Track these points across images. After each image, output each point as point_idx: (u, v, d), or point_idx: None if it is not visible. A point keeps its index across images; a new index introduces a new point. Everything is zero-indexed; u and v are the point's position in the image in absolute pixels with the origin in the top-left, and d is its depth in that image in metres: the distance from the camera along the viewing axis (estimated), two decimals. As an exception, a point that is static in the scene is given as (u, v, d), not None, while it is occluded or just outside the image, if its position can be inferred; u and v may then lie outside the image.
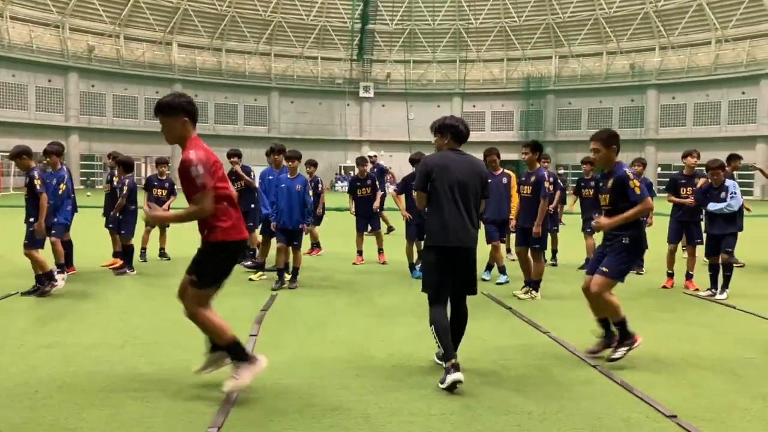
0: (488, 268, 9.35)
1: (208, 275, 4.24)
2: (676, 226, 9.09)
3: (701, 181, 8.69)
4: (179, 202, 12.69)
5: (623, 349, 5.30)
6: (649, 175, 13.98)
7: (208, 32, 48.98)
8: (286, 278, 8.67)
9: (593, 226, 5.49)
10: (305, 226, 8.91)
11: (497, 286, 8.86)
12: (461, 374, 4.56)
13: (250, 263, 9.66)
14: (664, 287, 8.90)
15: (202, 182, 4.06)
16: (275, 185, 8.88)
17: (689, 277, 8.95)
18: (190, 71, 48.42)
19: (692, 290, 8.69)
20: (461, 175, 4.93)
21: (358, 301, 7.91)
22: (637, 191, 5.26)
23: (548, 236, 9.10)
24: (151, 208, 4.41)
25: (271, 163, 9.67)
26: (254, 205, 10.11)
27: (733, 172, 9.81)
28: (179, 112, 4.17)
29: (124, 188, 9.58)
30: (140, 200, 10.34)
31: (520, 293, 8.10)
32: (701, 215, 8.99)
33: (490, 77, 52.00)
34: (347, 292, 8.45)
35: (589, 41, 48.97)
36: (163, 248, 11.17)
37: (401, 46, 52.42)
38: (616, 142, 5.48)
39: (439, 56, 52.43)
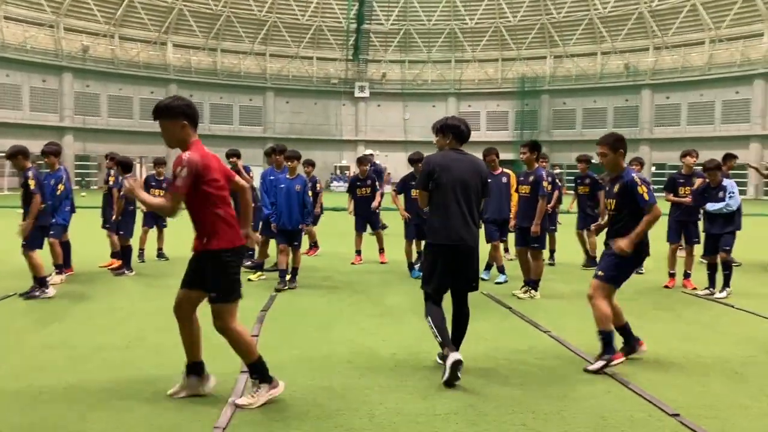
0: (487, 267, 9.38)
1: (228, 287, 4.18)
2: (675, 225, 9.14)
3: (699, 181, 8.73)
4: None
5: (600, 363, 5.05)
6: (644, 174, 14.26)
7: (203, 32, 48.88)
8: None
9: (617, 252, 5.14)
10: (305, 226, 8.91)
11: (496, 285, 8.88)
12: (459, 354, 4.69)
13: (249, 263, 9.66)
14: (665, 287, 8.92)
15: (178, 184, 4.02)
16: (275, 185, 8.87)
17: (687, 276, 9.01)
18: (185, 71, 48.31)
19: (690, 289, 8.74)
20: (463, 174, 5.01)
21: (358, 301, 7.92)
22: (645, 197, 5.13)
23: (547, 236, 9.13)
24: (128, 180, 4.35)
25: (271, 163, 9.66)
26: (253, 204, 10.08)
27: (728, 171, 9.88)
28: (178, 115, 4.13)
29: (122, 189, 9.54)
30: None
31: (519, 293, 8.12)
32: (699, 215, 9.05)
33: (485, 77, 52.07)
34: (347, 292, 8.46)
35: (583, 41, 49.10)
36: (160, 249, 11.17)
37: (396, 46, 52.42)
38: (623, 146, 5.38)
39: (434, 56, 52.45)
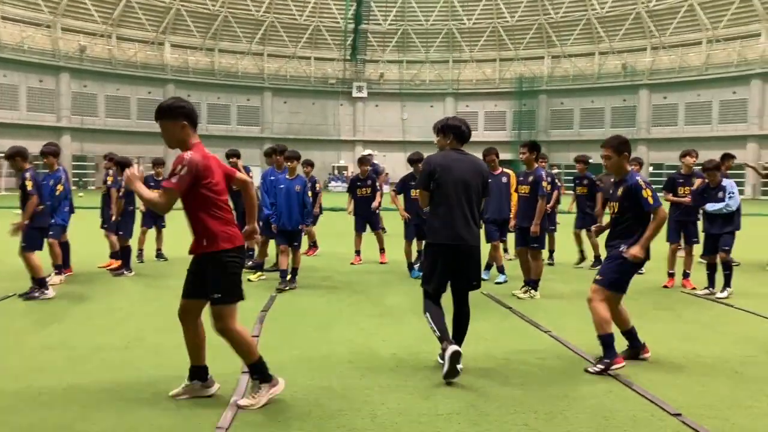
0: (487, 267, 9.37)
1: (229, 288, 4.20)
2: (674, 225, 9.14)
3: (698, 182, 8.73)
4: (176, 203, 12.78)
5: (600, 366, 5.01)
6: (641, 174, 14.30)
7: (200, 32, 48.85)
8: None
9: (630, 260, 5.09)
10: (304, 227, 8.90)
11: (496, 285, 8.88)
12: (458, 347, 4.76)
13: (249, 264, 9.63)
14: (665, 287, 8.92)
15: (176, 182, 4.01)
16: (274, 186, 8.85)
17: (686, 275, 9.02)
18: (182, 71, 48.29)
19: (689, 289, 8.74)
20: (464, 174, 5.05)
21: (358, 301, 7.91)
22: (650, 201, 5.08)
23: (546, 236, 9.14)
24: (130, 173, 4.22)
25: (271, 164, 9.64)
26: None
27: (726, 171, 9.88)
28: (179, 116, 4.15)
29: (121, 189, 9.52)
30: (138, 201, 10.33)
31: (519, 293, 8.12)
32: (698, 214, 9.05)
33: (482, 77, 52.13)
34: (347, 292, 8.45)
35: (581, 41, 49.19)
36: (159, 249, 11.15)
37: (394, 46, 52.44)
38: (627, 149, 5.33)
39: (432, 56, 52.51)
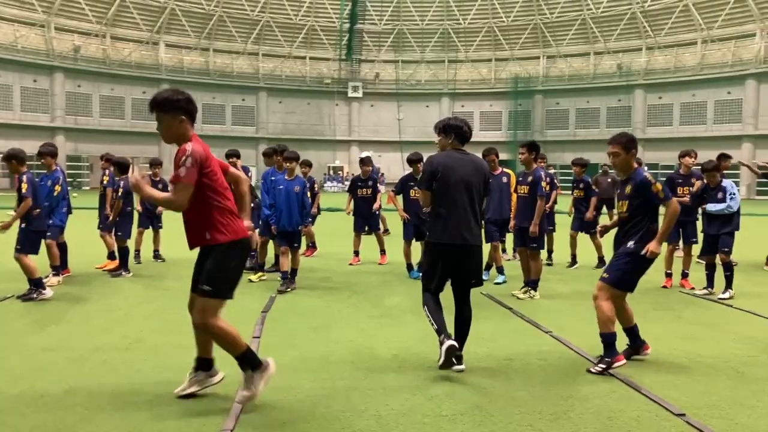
0: (487, 267, 9.35)
1: (224, 283, 4.04)
2: (674, 225, 9.14)
3: (697, 184, 8.70)
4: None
5: (602, 365, 5.01)
6: None
7: (195, 32, 48.73)
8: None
9: (648, 256, 5.05)
10: (304, 227, 8.88)
11: (495, 286, 8.88)
12: (453, 341, 4.85)
13: (249, 265, 9.59)
14: (664, 287, 8.92)
15: (184, 174, 3.84)
16: (273, 187, 8.82)
17: (685, 275, 9.03)
18: (177, 71, 48.16)
19: (688, 289, 8.76)
20: (466, 174, 5.09)
21: (358, 301, 7.89)
22: (660, 195, 5.07)
23: (545, 235, 9.13)
24: (136, 180, 4.01)
25: (270, 164, 9.60)
26: (253, 204, 10.05)
27: (723, 171, 9.89)
28: (176, 109, 3.94)
29: (119, 190, 9.48)
30: (135, 201, 10.30)
31: (519, 293, 8.11)
32: (697, 214, 9.07)
33: (478, 77, 52.17)
34: (347, 293, 8.43)
35: (576, 41, 49.29)
36: (157, 250, 11.13)
37: (390, 46, 52.45)
38: (635, 146, 5.28)
39: (427, 56, 52.52)
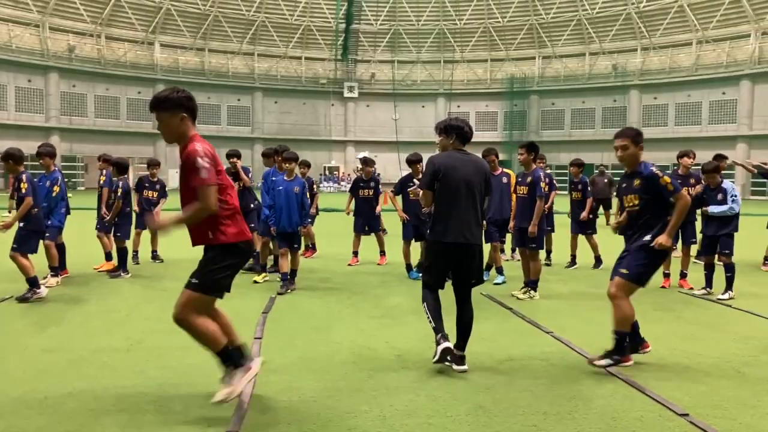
0: (487, 268, 9.36)
1: (213, 279, 3.92)
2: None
3: (697, 188, 8.67)
4: (170, 204, 12.68)
5: (607, 360, 5.01)
6: None
7: (190, 32, 48.62)
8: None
9: (656, 248, 5.00)
10: (303, 228, 8.87)
11: (495, 286, 8.89)
12: (450, 343, 4.97)
13: (247, 266, 9.55)
14: (662, 287, 8.94)
15: (206, 176, 3.76)
16: (273, 188, 8.80)
17: (683, 276, 9.06)
18: (172, 71, 48.01)
19: (687, 289, 8.79)
20: (467, 174, 5.15)
21: (358, 302, 7.89)
22: (669, 188, 5.02)
23: (544, 236, 9.14)
24: (146, 216, 4.05)
25: (268, 164, 9.60)
26: (253, 205, 10.06)
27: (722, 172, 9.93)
28: (177, 107, 3.88)
29: (119, 190, 9.45)
30: (133, 202, 10.27)
31: (519, 293, 8.12)
32: (695, 215, 9.09)
33: (474, 77, 52.23)
34: (347, 293, 8.42)
35: (572, 42, 49.38)
36: (155, 251, 11.09)
37: (385, 46, 52.44)
38: (642, 140, 5.23)
39: (423, 56, 52.54)
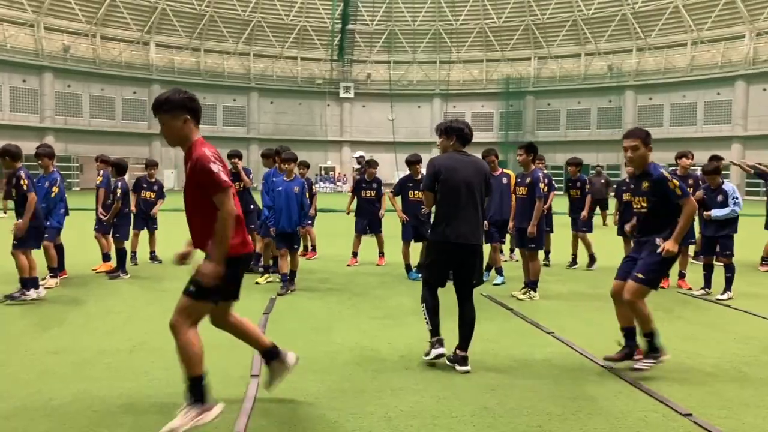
0: (487, 268, 9.39)
1: (207, 289, 3.70)
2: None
3: (698, 194, 8.64)
4: (168, 205, 12.65)
5: (649, 361, 5.03)
6: (625, 175, 14.19)
7: (186, 32, 48.51)
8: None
9: (664, 255, 4.98)
10: (302, 228, 8.87)
11: (495, 287, 8.92)
12: (445, 349, 5.11)
13: (251, 266, 9.53)
14: (661, 287, 8.96)
15: (222, 179, 3.64)
16: (272, 188, 8.80)
17: (682, 276, 9.10)
18: (168, 71, 47.89)
19: (685, 289, 8.82)
20: (467, 175, 5.22)
21: (359, 303, 7.90)
22: (678, 192, 4.97)
23: (543, 236, 9.15)
24: (202, 275, 3.64)
25: (268, 165, 9.61)
26: (253, 206, 10.06)
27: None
28: (179, 109, 3.75)
29: (117, 191, 9.43)
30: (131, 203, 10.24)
31: (518, 294, 8.14)
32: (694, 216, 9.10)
33: (470, 78, 52.27)
34: (347, 294, 8.43)
35: (567, 43, 49.45)
36: (153, 251, 11.08)
37: (381, 46, 52.44)
38: (651, 140, 5.17)
39: (419, 57, 52.55)
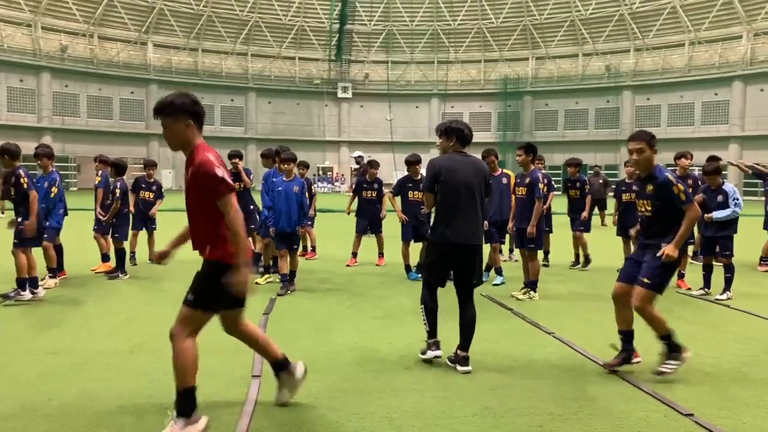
0: (487, 269, 9.39)
1: (207, 296, 3.72)
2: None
3: (698, 197, 8.64)
4: (167, 205, 12.63)
5: (673, 363, 4.93)
6: (623, 175, 14.19)
7: (184, 32, 48.48)
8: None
9: (663, 260, 4.92)
10: (301, 228, 8.87)
11: (494, 287, 8.92)
12: (441, 352, 5.23)
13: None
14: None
15: (228, 184, 3.64)
16: (272, 189, 8.79)
17: (681, 276, 9.10)
18: (165, 71, 47.87)
19: (685, 289, 8.83)
20: (467, 176, 5.24)
21: (358, 303, 7.90)
22: (682, 197, 4.90)
23: (543, 236, 9.16)
24: (233, 286, 3.64)
25: (267, 165, 9.59)
26: (253, 206, 10.05)
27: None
28: (182, 112, 3.72)
29: (116, 191, 9.42)
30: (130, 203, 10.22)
31: (518, 294, 8.15)
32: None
33: (468, 78, 52.30)
34: (346, 294, 8.43)
35: (565, 43, 49.54)
36: (152, 252, 11.03)
37: (379, 46, 52.45)
38: (656, 142, 5.12)
39: (417, 57, 52.56)
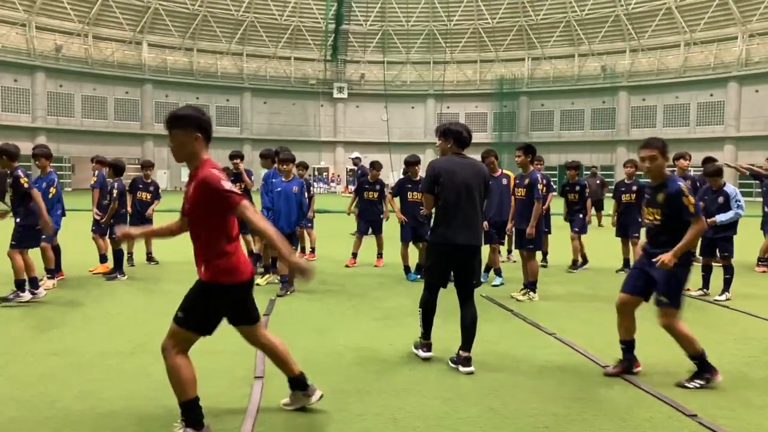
0: (486, 269, 9.39)
1: (197, 317, 3.69)
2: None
3: (701, 204, 8.64)
4: (164, 205, 12.58)
5: (699, 381, 4.80)
6: (619, 175, 14.06)
7: (179, 32, 48.35)
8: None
9: (657, 266, 4.79)
10: (300, 228, 8.86)
11: (494, 288, 8.92)
12: (431, 354, 5.41)
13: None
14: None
15: (236, 193, 3.63)
16: (271, 189, 8.78)
17: (680, 276, 9.11)
18: (160, 71, 47.73)
19: (683, 290, 8.83)
20: (466, 177, 5.28)
21: (358, 304, 7.88)
22: (691, 209, 4.77)
23: (542, 237, 9.17)
24: (301, 277, 3.66)
25: (266, 166, 9.58)
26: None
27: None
28: (192, 126, 3.76)
29: (114, 191, 9.39)
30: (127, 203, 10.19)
31: (518, 295, 8.15)
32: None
33: (463, 78, 52.32)
34: (346, 295, 8.41)
35: (561, 43, 49.58)
36: (150, 253, 11.02)
37: (375, 46, 52.43)
38: (668, 150, 5.01)
39: (413, 57, 52.57)
